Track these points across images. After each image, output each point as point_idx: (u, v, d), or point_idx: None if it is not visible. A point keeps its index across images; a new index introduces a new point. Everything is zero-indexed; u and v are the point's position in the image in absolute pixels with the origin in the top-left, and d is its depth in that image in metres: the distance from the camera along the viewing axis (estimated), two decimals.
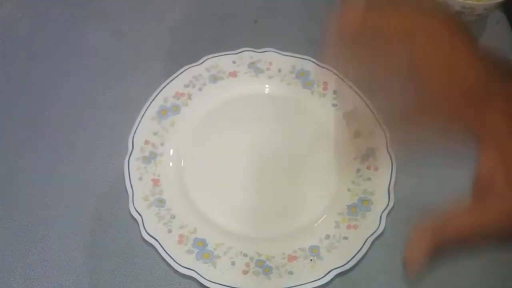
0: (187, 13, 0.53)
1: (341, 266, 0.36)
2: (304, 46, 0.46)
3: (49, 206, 0.41)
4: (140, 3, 0.54)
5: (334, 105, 0.45)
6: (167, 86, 0.44)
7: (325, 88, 0.46)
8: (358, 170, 0.41)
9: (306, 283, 0.35)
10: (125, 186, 0.39)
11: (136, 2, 0.54)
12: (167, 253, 0.36)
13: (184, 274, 0.36)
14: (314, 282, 0.35)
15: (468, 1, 0.46)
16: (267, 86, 0.47)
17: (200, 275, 0.35)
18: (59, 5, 0.54)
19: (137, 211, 0.37)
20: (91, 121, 0.46)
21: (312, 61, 0.46)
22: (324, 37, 0.32)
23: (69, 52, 0.50)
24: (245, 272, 0.36)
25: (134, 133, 0.41)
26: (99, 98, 0.47)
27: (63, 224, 0.40)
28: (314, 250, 0.37)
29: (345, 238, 0.37)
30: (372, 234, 0.37)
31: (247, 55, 0.46)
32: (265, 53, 0.47)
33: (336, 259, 0.36)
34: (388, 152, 0.41)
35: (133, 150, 0.40)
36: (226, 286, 0.35)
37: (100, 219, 0.41)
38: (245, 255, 0.37)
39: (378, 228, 0.37)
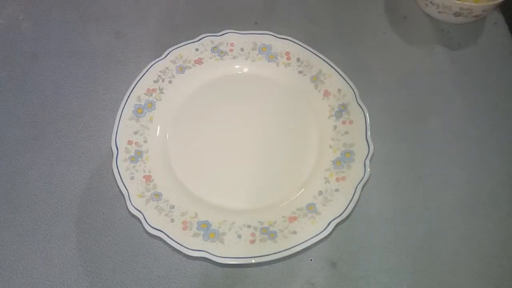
0: (188, 14, 0.53)
1: (339, 216, 0.38)
2: None
3: (50, 205, 0.42)
4: (141, 5, 0.54)
5: (300, 72, 0.47)
6: (137, 85, 0.44)
7: (288, 58, 0.47)
8: (335, 127, 0.44)
9: (310, 238, 0.37)
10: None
11: (137, 4, 0.54)
12: (174, 240, 0.37)
13: (192, 261, 0.37)
14: (317, 236, 0.37)
15: (466, 2, 0.47)
16: (234, 66, 0.48)
17: (211, 254, 0.36)
18: (60, 7, 0.54)
19: (136, 209, 0.38)
20: (92, 121, 0.46)
21: (271, 35, 0.48)
22: None
23: (70, 52, 0.50)
24: (252, 242, 0.37)
25: (116, 136, 0.41)
26: (99, 98, 0.47)
27: (65, 223, 0.41)
28: (311, 208, 0.39)
29: (337, 190, 0.40)
30: (360, 182, 0.39)
31: (208, 40, 0.47)
32: (225, 35, 0.48)
33: (333, 211, 0.38)
34: (359, 105, 0.43)
35: (118, 152, 0.41)
36: (237, 258, 0.36)
37: (101, 218, 0.41)
38: (249, 226, 0.39)
39: (364, 175, 0.40)
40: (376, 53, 0.51)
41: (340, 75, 0.45)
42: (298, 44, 0.47)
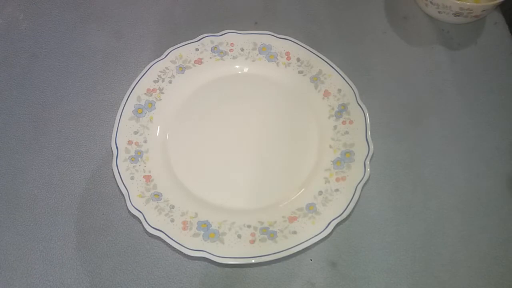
0: (188, 14, 0.53)
1: (339, 216, 0.38)
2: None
3: (50, 205, 0.42)
4: (141, 5, 0.54)
5: (300, 72, 0.47)
6: (137, 85, 0.44)
7: (288, 58, 0.47)
8: (335, 127, 0.44)
9: (310, 238, 0.37)
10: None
11: (137, 4, 0.54)
12: (174, 240, 0.37)
13: (192, 261, 0.37)
14: (317, 236, 0.37)
15: (466, 2, 0.47)
16: (234, 67, 0.48)
17: (211, 254, 0.36)
18: (60, 6, 0.54)
19: (136, 209, 0.38)
20: (92, 121, 0.46)
21: (271, 35, 0.48)
22: None
23: (70, 52, 0.51)
24: (252, 242, 0.37)
25: (116, 136, 0.41)
26: (99, 98, 0.47)
27: (64, 223, 0.41)
28: (311, 208, 0.39)
29: (337, 190, 0.40)
30: (360, 182, 0.39)
31: (208, 40, 0.47)
32: (225, 35, 0.48)
33: (333, 211, 0.38)
34: (359, 105, 0.43)
35: (118, 152, 0.41)
36: (237, 258, 0.36)
37: (101, 218, 0.41)
38: (249, 226, 0.39)
39: (364, 175, 0.40)
40: (376, 53, 0.51)
41: (340, 75, 0.45)
42: (298, 44, 0.47)
